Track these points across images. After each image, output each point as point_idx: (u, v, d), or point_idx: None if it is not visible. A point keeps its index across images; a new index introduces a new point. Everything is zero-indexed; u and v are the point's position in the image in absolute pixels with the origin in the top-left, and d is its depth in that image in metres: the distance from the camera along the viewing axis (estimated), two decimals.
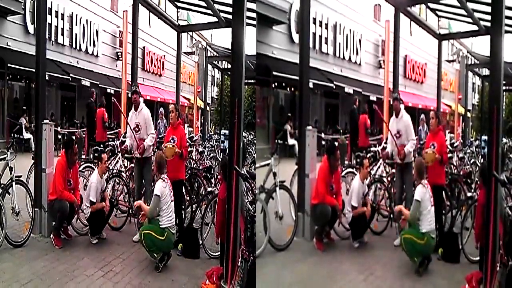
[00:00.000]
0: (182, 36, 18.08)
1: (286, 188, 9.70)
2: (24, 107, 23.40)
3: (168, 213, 8.22)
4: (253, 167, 11.49)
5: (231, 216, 6.47)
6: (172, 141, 9.32)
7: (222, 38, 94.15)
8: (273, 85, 24.88)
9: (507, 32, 13.34)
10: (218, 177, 10.69)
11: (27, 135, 21.25)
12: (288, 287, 7.51)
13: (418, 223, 8.22)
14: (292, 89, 26.27)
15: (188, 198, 10.00)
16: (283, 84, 25.44)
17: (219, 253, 8.15)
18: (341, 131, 26.61)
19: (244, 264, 5.95)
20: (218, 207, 7.94)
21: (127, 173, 10.89)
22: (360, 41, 30.45)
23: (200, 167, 11.92)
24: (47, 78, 11.36)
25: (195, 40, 43.84)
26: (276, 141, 22.63)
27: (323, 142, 22.22)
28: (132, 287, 7.33)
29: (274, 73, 22.82)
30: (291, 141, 22.40)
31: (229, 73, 9.63)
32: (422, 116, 9.83)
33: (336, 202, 9.34)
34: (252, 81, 25.42)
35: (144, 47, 31.65)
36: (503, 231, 6.92)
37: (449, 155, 11.13)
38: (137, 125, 9.49)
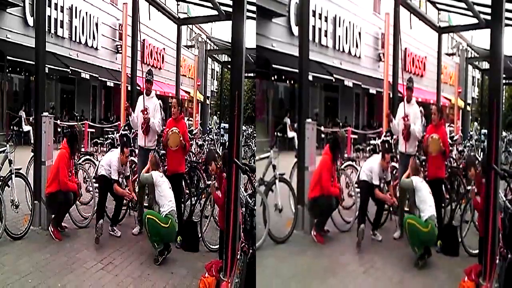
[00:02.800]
0: (182, 29, 18.05)
1: (286, 181, 9.71)
2: (24, 100, 23.41)
3: (167, 198, 8.25)
4: (253, 160, 11.49)
5: (231, 209, 6.47)
6: (175, 127, 9.26)
7: (222, 31, 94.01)
8: (273, 78, 24.85)
9: (507, 25, 13.33)
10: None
11: (26, 128, 21.27)
12: (287, 279, 7.51)
13: (420, 214, 8.23)
14: (292, 82, 26.26)
15: (187, 191, 9.99)
16: (283, 77, 25.42)
17: (218, 246, 8.17)
18: (341, 124, 26.62)
19: (244, 257, 5.96)
20: (221, 200, 7.95)
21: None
22: (359, 34, 30.40)
23: (200, 161, 11.92)
24: (46, 70, 11.35)
25: (195, 33, 43.76)
26: (275, 133, 22.63)
27: (323, 135, 22.24)
28: (131, 279, 7.35)
29: (274, 65, 22.79)
30: (291, 134, 22.41)
31: (229, 66, 9.62)
32: (421, 108, 9.80)
33: (339, 192, 9.43)
34: (252, 74, 25.43)
35: (144, 40, 31.60)
36: (503, 224, 6.93)
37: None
38: (146, 109, 9.41)
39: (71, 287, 6.92)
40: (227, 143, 7.34)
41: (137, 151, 10.35)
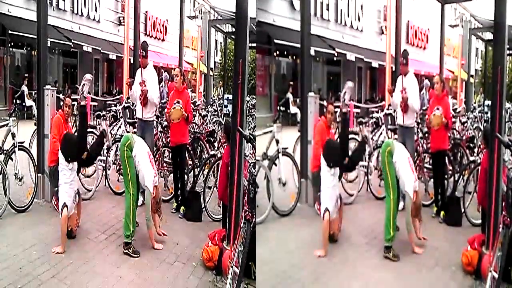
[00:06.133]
0: None
1: (289, 155, 9.73)
2: (26, 74, 23.35)
3: None
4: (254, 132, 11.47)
5: (234, 178, 6.49)
6: (177, 104, 9.27)
7: (225, 1, 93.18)
8: (275, 53, 24.77)
9: None
10: (221, 140, 10.76)
11: (29, 102, 21.24)
12: (291, 252, 7.56)
13: None
14: (294, 57, 26.16)
15: (190, 162, 10.00)
16: (285, 52, 25.32)
17: (221, 216, 8.20)
18: None
19: (247, 225, 5.96)
20: (221, 170, 7.96)
21: None
22: (361, 7, 30.19)
23: (203, 131, 11.92)
24: (48, 44, 11.29)
25: (198, 3, 43.45)
26: (278, 108, 22.62)
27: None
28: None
29: (276, 41, 22.72)
30: (293, 110, 22.38)
31: (233, 36, 9.57)
32: (427, 81, 9.71)
33: None
34: (255, 44, 25.35)
35: (146, 12, 31.41)
36: (506, 193, 6.93)
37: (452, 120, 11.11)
38: (144, 81, 9.38)
39: (74, 258, 6.97)
40: (230, 113, 7.29)
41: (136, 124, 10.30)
